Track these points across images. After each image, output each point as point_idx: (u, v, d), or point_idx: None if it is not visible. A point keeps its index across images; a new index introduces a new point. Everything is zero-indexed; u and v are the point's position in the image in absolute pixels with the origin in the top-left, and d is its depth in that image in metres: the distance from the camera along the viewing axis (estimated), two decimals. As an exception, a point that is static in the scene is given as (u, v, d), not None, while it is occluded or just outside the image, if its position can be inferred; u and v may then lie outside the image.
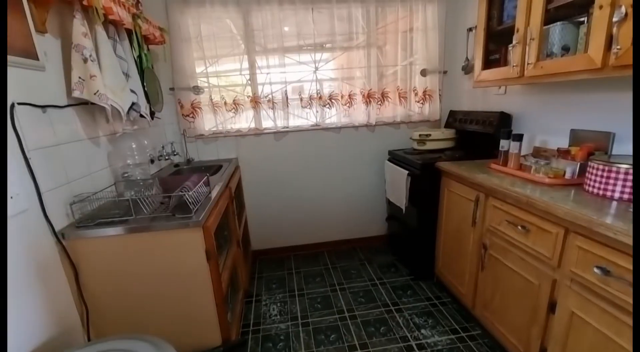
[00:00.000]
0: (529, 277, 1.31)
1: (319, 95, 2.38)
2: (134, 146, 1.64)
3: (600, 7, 1.06)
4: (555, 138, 1.67)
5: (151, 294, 1.32)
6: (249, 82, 2.32)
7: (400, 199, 2.20)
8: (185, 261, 1.30)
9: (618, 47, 1.02)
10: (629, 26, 1.00)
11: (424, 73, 2.41)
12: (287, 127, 2.43)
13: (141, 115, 1.63)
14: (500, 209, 1.44)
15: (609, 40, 1.05)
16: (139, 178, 1.58)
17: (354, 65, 2.41)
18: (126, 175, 1.57)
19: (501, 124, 1.92)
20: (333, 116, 2.48)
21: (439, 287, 2.18)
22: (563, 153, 1.46)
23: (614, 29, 1.02)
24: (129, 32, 1.59)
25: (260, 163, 2.52)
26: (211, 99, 2.29)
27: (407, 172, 2.07)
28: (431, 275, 2.23)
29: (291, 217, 2.68)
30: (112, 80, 1.37)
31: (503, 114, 1.94)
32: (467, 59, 2.21)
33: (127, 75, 1.52)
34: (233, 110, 2.35)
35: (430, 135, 2.24)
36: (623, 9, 0.99)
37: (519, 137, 1.55)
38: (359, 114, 2.46)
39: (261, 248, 2.72)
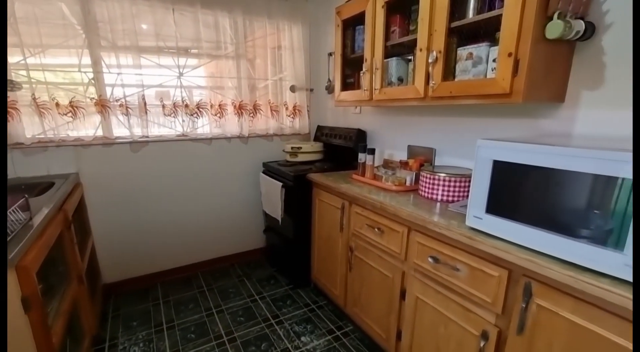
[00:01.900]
0: (386, 272, 1.51)
1: (185, 103, 2.18)
2: None
3: (420, 50, 1.36)
4: (398, 152, 2.02)
5: None
6: (93, 81, 1.93)
7: (276, 210, 2.23)
8: (-13, 319, 0.94)
9: (433, 82, 1.32)
10: (439, 67, 1.30)
11: (292, 89, 2.54)
12: (147, 137, 2.13)
13: None
14: (361, 214, 1.63)
15: (428, 76, 1.35)
16: None
17: (224, 75, 2.32)
18: None
19: (359, 139, 2.20)
20: (204, 126, 2.32)
21: (316, 292, 2.29)
22: (404, 164, 1.77)
23: (430, 68, 1.32)
24: None
25: (112, 179, 2.12)
26: (34, 98, 1.79)
27: (281, 183, 2.12)
28: (308, 281, 2.33)
29: (156, 240, 2.35)
30: None
31: (360, 131, 2.23)
32: (329, 80, 2.45)
33: None
34: (70, 114, 1.90)
35: (301, 148, 2.36)
36: (434, 53, 1.28)
37: (372, 151, 1.80)
38: (232, 125, 2.38)
39: (116, 280, 2.27)
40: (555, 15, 0.99)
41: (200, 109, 2.25)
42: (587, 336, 0.83)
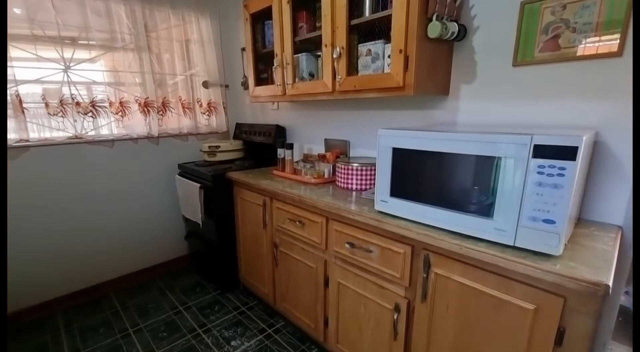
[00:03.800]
0: (309, 263, 1.55)
1: (75, 101, 1.90)
2: None
3: (326, 45, 1.41)
4: (316, 146, 2.08)
5: None
6: (-58, 76, 1.56)
7: (196, 214, 2.10)
8: None
9: (339, 76, 1.38)
10: (343, 62, 1.37)
11: (206, 85, 2.41)
12: (28, 141, 1.81)
13: None
14: (282, 209, 1.63)
15: (334, 71, 1.41)
16: None
17: (124, 70, 2.09)
18: None
19: (278, 135, 2.20)
20: (106, 125, 2.06)
21: (246, 294, 2.23)
22: (322, 157, 1.83)
23: (335, 63, 1.38)
24: None
25: (-19, 194, 1.74)
26: None
27: (199, 185, 2.01)
28: (237, 284, 2.26)
29: (49, 263, 2.01)
30: None
31: (279, 127, 2.23)
32: (244, 76, 2.39)
33: None
34: None
35: (219, 146, 2.26)
36: (338, 49, 1.35)
37: (290, 146, 1.82)
38: (138, 124, 2.16)
39: (-2, 316, 1.88)
40: (434, 17, 1.12)
41: (96, 108, 1.99)
42: (473, 293, 0.97)
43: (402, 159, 1.11)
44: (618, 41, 0.97)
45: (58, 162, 1.95)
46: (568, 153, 0.78)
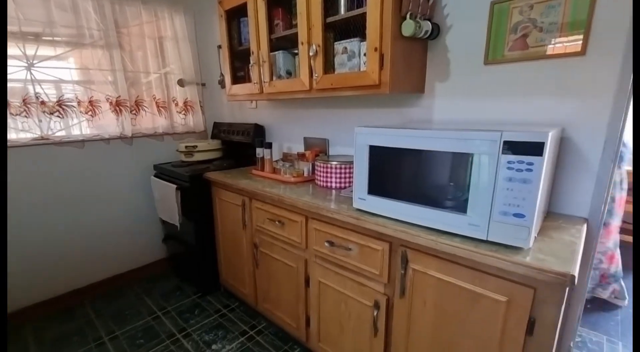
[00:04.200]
0: (290, 263, 1.54)
1: (40, 100, 1.81)
2: None
3: (302, 43, 1.40)
4: (296, 144, 2.07)
5: None
6: None
7: (173, 216, 2.04)
8: None
9: (316, 74, 1.37)
10: (320, 60, 1.36)
11: (181, 83, 2.35)
12: (-12, 144, 1.70)
13: None
14: (261, 209, 1.61)
15: (311, 69, 1.40)
16: None
17: (93, 67, 2.00)
18: None
19: (257, 134, 2.17)
20: (75, 125, 1.97)
21: (227, 296, 2.20)
22: (301, 156, 1.81)
23: (312, 61, 1.37)
24: None
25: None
26: None
27: (175, 186, 1.95)
28: (218, 286, 2.22)
29: (19, 271, 1.90)
30: None
31: (257, 126, 2.20)
32: (221, 74, 2.34)
33: None
34: None
35: (197, 146, 2.21)
36: (314, 47, 1.34)
37: (269, 145, 1.79)
38: (109, 124, 2.08)
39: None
40: (408, 16, 1.13)
41: (64, 107, 1.90)
42: (449, 288, 0.98)
43: (379, 156, 1.11)
44: (581, 41, 1.01)
45: (24, 164, 1.84)
46: (535, 148, 0.80)
